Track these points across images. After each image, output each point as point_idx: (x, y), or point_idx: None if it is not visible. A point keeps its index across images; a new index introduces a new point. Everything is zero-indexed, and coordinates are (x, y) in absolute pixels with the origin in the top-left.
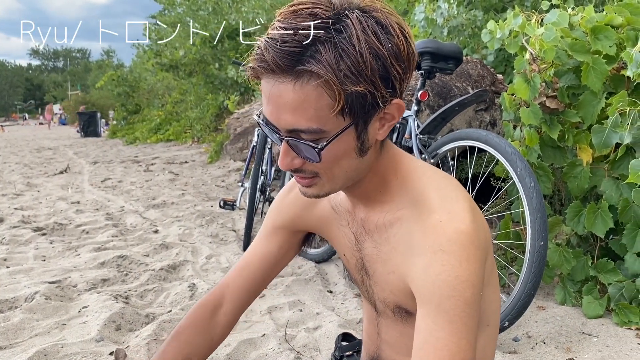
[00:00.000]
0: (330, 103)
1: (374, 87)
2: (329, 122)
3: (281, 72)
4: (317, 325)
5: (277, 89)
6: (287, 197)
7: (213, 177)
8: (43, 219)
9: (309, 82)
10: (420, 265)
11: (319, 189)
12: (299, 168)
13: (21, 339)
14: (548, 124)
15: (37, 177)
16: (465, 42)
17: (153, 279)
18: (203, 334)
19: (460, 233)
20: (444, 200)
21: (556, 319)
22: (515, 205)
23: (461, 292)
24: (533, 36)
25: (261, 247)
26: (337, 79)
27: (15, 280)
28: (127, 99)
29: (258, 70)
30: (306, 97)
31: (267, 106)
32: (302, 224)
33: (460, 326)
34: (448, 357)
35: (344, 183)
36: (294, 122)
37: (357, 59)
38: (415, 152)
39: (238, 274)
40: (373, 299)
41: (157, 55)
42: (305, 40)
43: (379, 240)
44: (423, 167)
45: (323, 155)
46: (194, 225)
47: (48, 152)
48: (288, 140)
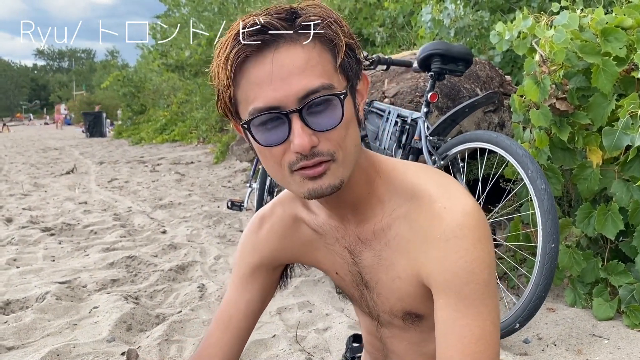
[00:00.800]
0: (330, 58)
1: (354, 46)
2: (335, 79)
3: (281, 37)
4: (327, 326)
5: (280, 59)
6: (260, 232)
7: (219, 178)
8: (51, 219)
9: (302, 40)
10: (432, 256)
11: (332, 176)
12: (316, 150)
13: (33, 338)
14: (558, 126)
15: (44, 178)
16: (472, 43)
17: (162, 280)
18: None
19: (467, 215)
20: (440, 187)
21: (566, 321)
22: (525, 207)
23: (479, 275)
24: (543, 38)
25: (241, 296)
26: (334, 33)
27: (25, 280)
28: (133, 100)
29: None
30: (311, 55)
31: (269, 87)
32: (283, 255)
33: (482, 309)
34: (474, 342)
35: (352, 164)
36: (308, 82)
37: (339, 19)
38: (425, 154)
39: (222, 334)
40: (375, 311)
41: (163, 55)
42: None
43: (379, 247)
44: (403, 163)
45: (345, 116)
46: (201, 225)
47: (54, 152)
48: (306, 105)
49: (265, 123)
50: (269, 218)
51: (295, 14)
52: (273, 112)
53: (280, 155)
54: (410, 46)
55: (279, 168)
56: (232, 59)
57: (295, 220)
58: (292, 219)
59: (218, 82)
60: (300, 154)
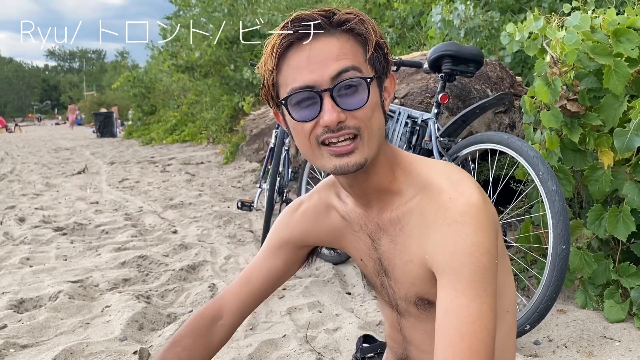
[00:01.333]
0: (362, 51)
1: (385, 46)
2: (363, 67)
3: (320, 30)
4: (337, 327)
5: (317, 46)
6: (295, 213)
7: (229, 178)
8: (63, 219)
9: (342, 34)
10: (435, 239)
11: (359, 154)
12: (343, 125)
13: (47, 337)
14: (569, 127)
15: (56, 177)
16: (482, 43)
17: (173, 279)
18: (201, 343)
19: (471, 205)
20: (450, 181)
21: (577, 323)
22: (536, 208)
23: (478, 258)
24: (554, 39)
25: (266, 262)
26: (365, 29)
27: (38, 279)
28: (143, 100)
29: (295, 35)
30: (344, 46)
31: (306, 69)
32: (311, 238)
33: (480, 291)
34: (470, 321)
35: (377, 145)
36: (340, 64)
37: (370, 20)
38: (435, 155)
39: (240, 288)
40: (394, 299)
41: (173, 56)
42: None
43: (394, 233)
44: (421, 159)
45: (370, 97)
46: (211, 225)
47: (65, 152)
48: (337, 85)
49: (301, 102)
50: (305, 203)
51: (333, 12)
52: (308, 90)
53: (310, 131)
54: (419, 47)
55: (308, 143)
56: (276, 47)
57: (327, 207)
58: (325, 206)
59: (264, 69)
60: (328, 128)
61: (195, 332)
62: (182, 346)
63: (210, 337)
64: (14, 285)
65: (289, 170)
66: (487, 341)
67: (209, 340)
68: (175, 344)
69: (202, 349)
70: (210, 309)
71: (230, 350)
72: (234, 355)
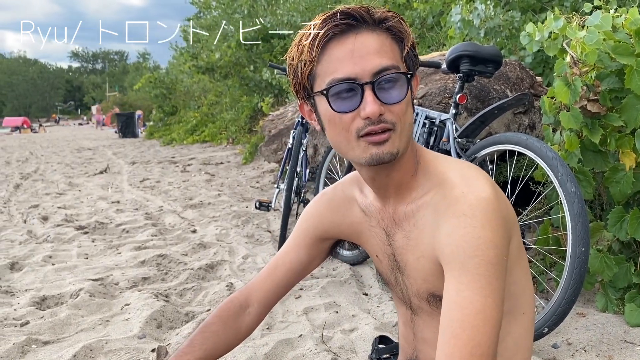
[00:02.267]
0: (398, 49)
1: (415, 45)
2: (400, 64)
3: (362, 25)
4: (353, 327)
5: (360, 41)
6: (319, 205)
7: (248, 178)
8: (85, 217)
9: (382, 32)
10: (444, 232)
11: (391, 145)
12: (381, 118)
13: (68, 333)
14: (589, 128)
15: (78, 177)
16: (502, 43)
17: (192, 278)
18: (229, 330)
19: (482, 200)
20: (464, 177)
21: (597, 327)
22: (555, 210)
23: (484, 252)
24: (574, 39)
25: (291, 253)
26: (403, 29)
27: (60, 277)
28: (164, 101)
29: (339, 27)
30: (384, 43)
31: (349, 61)
32: (334, 230)
33: (485, 284)
34: (474, 314)
35: (408, 139)
36: (382, 61)
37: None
38: (453, 156)
39: (266, 278)
40: (407, 295)
41: (194, 57)
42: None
43: (408, 228)
44: (442, 157)
45: (407, 94)
46: (230, 225)
47: (88, 152)
48: (380, 79)
49: (341, 93)
50: (329, 194)
51: (374, 10)
52: (350, 82)
53: (349, 123)
54: (439, 47)
55: (346, 134)
56: (320, 38)
57: (350, 200)
58: (347, 199)
59: (298, 60)
60: (369, 120)
61: (223, 319)
62: (210, 332)
63: (238, 325)
64: (37, 283)
65: (306, 170)
66: (490, 334)
67: (236, 327)
68: (204, 330)
69: (229, 336)
70: (238, 297)
71: (247, 349)
72: (251, 354)
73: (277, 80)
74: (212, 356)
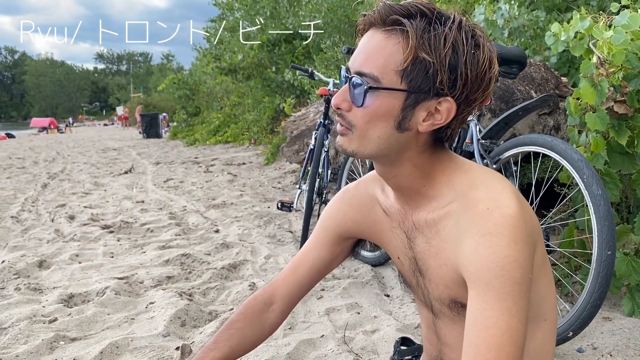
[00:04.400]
0: (399, 60)
1: (439, 67)
2: (388, 76)
3: (380, 23)
4: (375, 329)
5: (368, 36)
6: (341, 202)
7: (270, 179)
8: (110, 217)
9: (394, 35)
10: (468, 249)
11: (347, 142)
12: (342, 112)
13: (94, 331)
14: (616, 130)
15: (104, 177)
16: (526, 43)
17: (215, 278)
18: (254, 326)
19: (507, 217)
20: (489, 190)
21: (624, 331)
22: (581, 212)
23: (510, 272)
24: (601, 39)
25: (313, 251)
26: (416, 40)
27: (87, 275)
28: (188, 102)
29: (367, 19)
30: (385, 47)
31: (355, 54)
32: (356, 229)
33: (510, 305)
34: (499, 334)
35: (373, 149)
36: (362, 64)
37: (440, 38)
38: (476, 157)
39: (289, 275)
40: (429, 299)
41: (217, 59)
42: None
43: (430, 235)
44: (469, 165)
45: (365, 103)
46: (252, 225)
47: (113, 152)
48: (351, 78)
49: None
50: (351, 192)
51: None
52: (347, 70)
53: None
54: None
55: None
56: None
57: (372, 199)
58: (369, 197)
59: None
60: (334, 108)
61: (248, 316)
62: (235, 329)
63: (263, 321)
64: (64, 281)
65: (328, 171)
66: (515, 355)
67: (261, 324)
68: (229, 327)
69: (254, 332)
70: (262, 294)
71: (269, 349)
72: (273, 353)
73: (299, 81)
74: (237, 353)
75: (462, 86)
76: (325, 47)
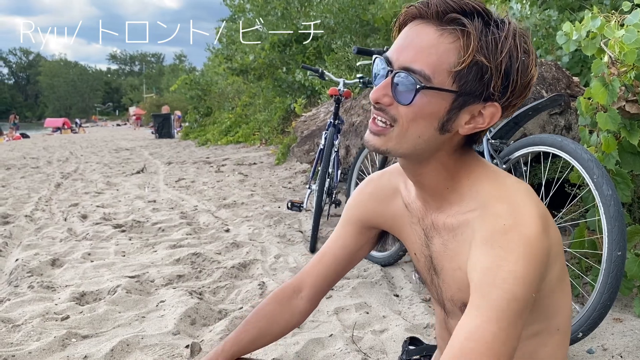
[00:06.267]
0: (454, 61)
1: (495, 72)
2: (440, 76)
3: (434, 17)
4: (384, 328)
5: (417, 30)
6: (364, 192)
7: (280, 179)
8: (122, 216)
9: (451, 34)
10: (477, 258)
11: (383, 142)
12: (384, 107)
13: (105, 328)
14: (628, 129)
15: (116, 177)
16: (538, 43)
17: (225, 277)
18: (284, 310)
19: (523, 236)
20: (512, 207)
21: (634, 332)
22: (591, 212)
23: (511, 287)
24: (612, 38)
25: (338, 241)
26: (477, 42)
27: (99, 273)
28: (199, 102)
29: (415, 11)
30: (438, 44)
31: (396, 44)
32: (377, 219)
33: (502, 318)
34: (481, 343)
35: (409, 149)
36: (414, 60)
37: (498, 42)
38: (486, 157)
39: (317, 264)
40: (442, 298)
41: (228, 59)
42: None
43: (447, 238)
44: (496, 173)
45: (415, 102)
46: (262, 225)
47: (125, 152)
48: (396, 74)
49: (378, 69)
50: (375, 182)
51: (454, 9)
52: (387, 60)
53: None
54: None
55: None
56: (398, 19)
57: (394, 191)
58: (392, 189)
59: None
60: (373, 102)
61: (278, 300)
62: (265, 311)
63: (292, 307)
64: (76, 279)
65: (338, 171)
66: None
67: (290, 309)
68: (259, 310)
69: (283, 317)
70: (292, 282)
71: (278, 347)
72: (281, 352)
73: (310, 82)
74: (265, 336)
75: (510, 92)
76: (336, 47)
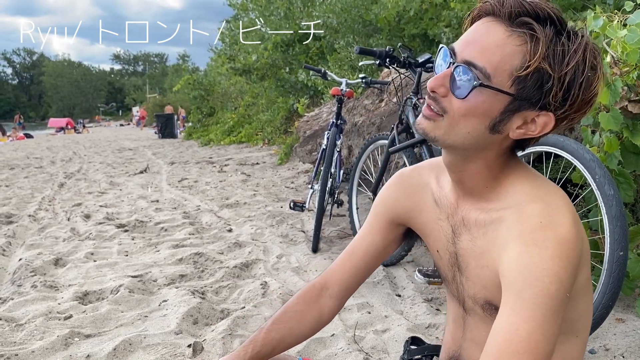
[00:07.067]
0: (517, 65)
1: (557, 83)
2: (500, 76)
3: (506, 17)
4: (386, 328)
5: (487, 27)
6: (393, 188)
7: (283, 179)
8: (125, 216)
9: (519, 36)
10: (511, 255)
11: (433, 127)
12: (437, 96)
13: (108, 328)
14: (630, 129)
15: (119, 177)
16: None
17: (227, 276)
18: (312, 310)
19: (558, 235)
20: (548, 207)
21: (637, 333)
22: (594, 212)
23: (546, 285)
24: (615, 38)
25: (367, 237)
26: (544, 51)
27: (101, 273)
28: (202, 102)
29: (490, 7)
30: (505, 45)
31: (464, 38)
32: (404, 216)
33: (537, 316)
34: (516, 342)
35: (456, 142)
36: (475, 55)
37: (566, 53)
38: None
39: (344, 261)
40: (462, 295)
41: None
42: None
43: (476, 235)
44: (534, 175)
45: (469, 98)
46: (265, 225)
47: (128, 152)
48: (457, 66)
49: (441, 57)
50: (406, 177)
51: (528, 12)
52: (451, 52)
53: None
54: None
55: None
56: (472, 14)
57: (425, 186)
58: (422, 184)
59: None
60: (429, 90)
61: (306, 299)
62: (294, 311)
63: (320, 306)
64: (79, 279)
65: (340, 171)
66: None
67: (319, 308)
68: (288, 310)
69: (312, 316)
70: (319, 281)
71: None
72: (286, 351)
73: (313, 82)
74: (295, 336)
75: (569, 106)
76: (339, 47)
